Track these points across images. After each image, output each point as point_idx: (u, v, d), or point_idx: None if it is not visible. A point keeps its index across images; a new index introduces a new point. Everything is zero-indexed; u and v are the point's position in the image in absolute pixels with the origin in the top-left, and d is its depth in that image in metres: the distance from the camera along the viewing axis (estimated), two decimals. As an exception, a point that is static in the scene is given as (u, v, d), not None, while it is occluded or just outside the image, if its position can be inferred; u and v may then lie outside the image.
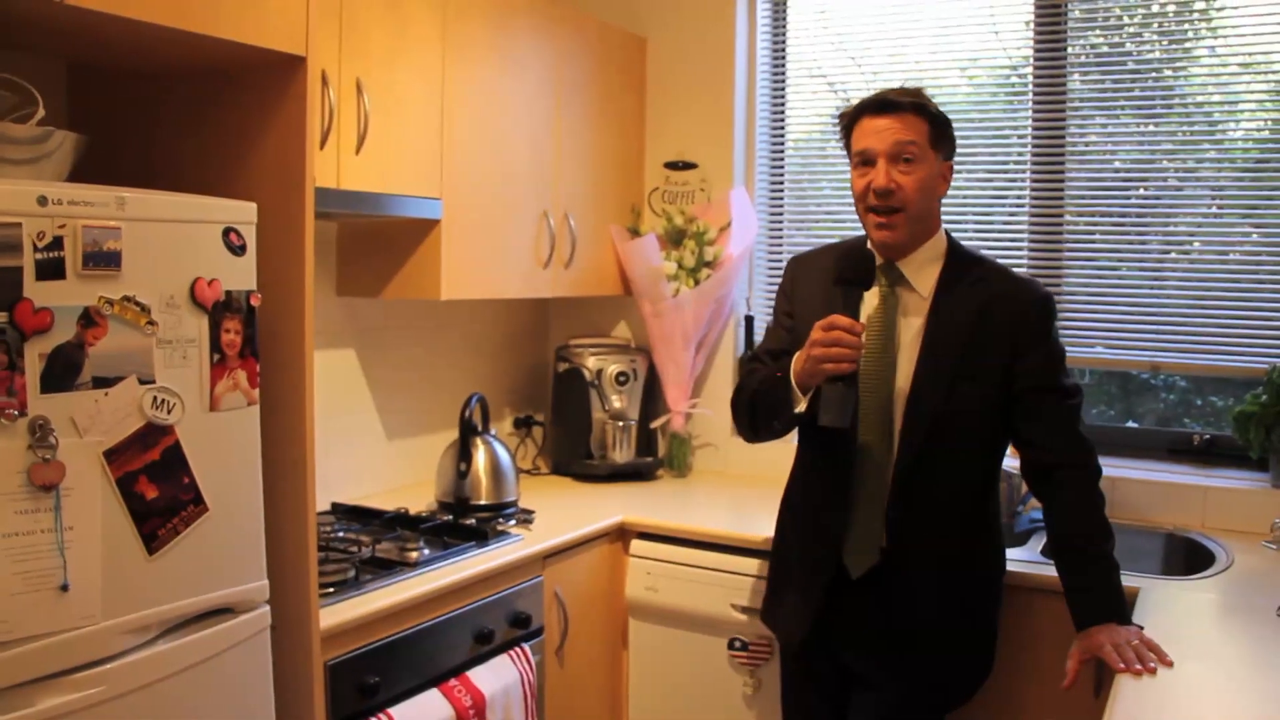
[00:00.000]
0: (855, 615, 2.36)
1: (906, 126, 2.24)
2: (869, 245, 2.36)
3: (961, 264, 2.35)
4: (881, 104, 2.27)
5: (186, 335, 1.83)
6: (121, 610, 1.75)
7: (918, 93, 2.30)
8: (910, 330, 2.31)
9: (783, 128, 3.79)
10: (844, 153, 2.37)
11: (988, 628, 2.43)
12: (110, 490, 1.72)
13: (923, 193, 2.27)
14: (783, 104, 3.79)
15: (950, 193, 3.34)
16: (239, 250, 1.93)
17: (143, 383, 1.76)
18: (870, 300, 2.32)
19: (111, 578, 1.73)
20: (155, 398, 1.78)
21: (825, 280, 2.29)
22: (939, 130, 2.28)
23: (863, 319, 2.26)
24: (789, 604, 2.49)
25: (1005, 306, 2.28)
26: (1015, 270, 2.42)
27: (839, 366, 2.13)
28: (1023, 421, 2.31)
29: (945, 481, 2.30)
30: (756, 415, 2.44)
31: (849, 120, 2.33)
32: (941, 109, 2.31)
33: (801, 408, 2.26)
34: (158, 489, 1.79)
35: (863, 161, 2.29)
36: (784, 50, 3.77)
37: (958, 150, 3.38)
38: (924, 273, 2.33)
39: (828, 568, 2.36)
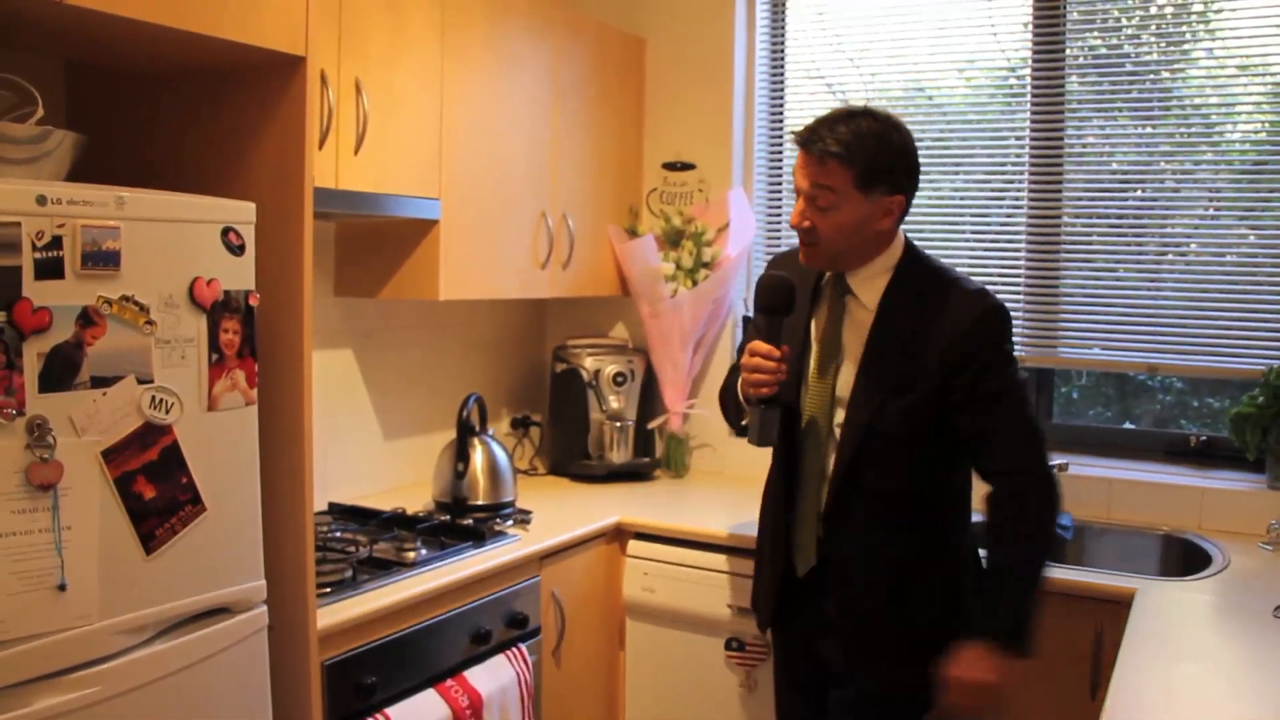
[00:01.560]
0: (812, 612, 2.40)
1: (826, 172, 2.18)
2: None
3: (911, 276, 2.30)
4: (805, 140, 2.21)
5: (185, 335, 1.83)
6: (119, 610, 1.75)
7: (854, 133, 2.17)
8: (856, 342, 2.30)
9: (781, 129, 3.79)
10: None
11: (945, 637, 2.31)
12: (108, 490, 1.72)
13: (841, 232, 2.22)
14: (781, 105, 3.79)
15: (948, 194, 3.34)
16: (238, 250, 1.93)
17: (141, 382, 1.77)
18: (823, 310, 2.35)
19: (109, 577, 1.73)
20: (153, 397, 1.78)
21: (800, 277, 2.32)
22: (867, 177, 2.17)
23: (814, 329, 2.34)
24: (759, 594, 2.57)
25: (947, 318, 2.23)
26: (972, 281, 2.34)
27: (758, 390, 2.23)
28: (964, 430, 2.25)
29: (882, 490, 2.28)
30: (727, 414, 2.59)
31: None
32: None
33: (746, 420, 2.36)
34: (156, 489, 1.79)
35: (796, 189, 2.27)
36: (782, 51, 3.77)
37: (957, 153, 3.39)
38: (871, 285, 2.30)
39: (780, 565, 2.43)
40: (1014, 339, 2.34)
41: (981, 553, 2.34)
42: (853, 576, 2.32)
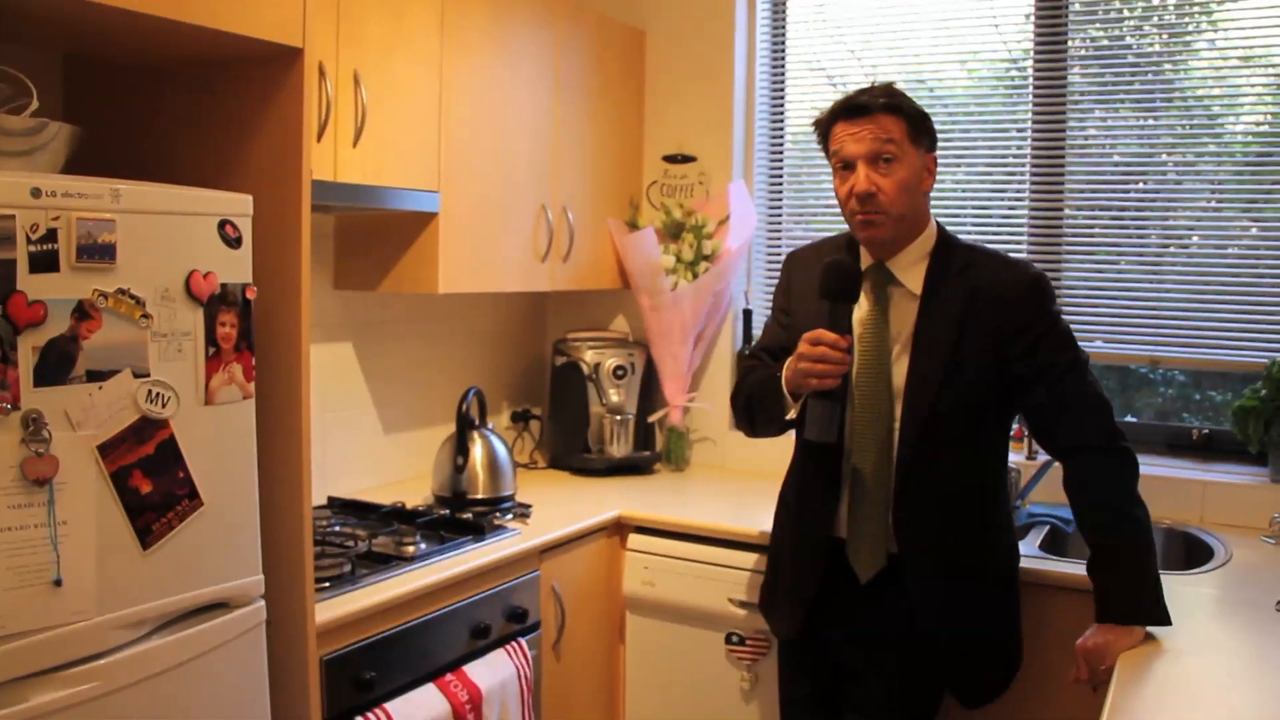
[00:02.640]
0: (852, 618, 2.37)
1: (881, 128, 2.21)
2: (859, 246, 2.36)
3: (950, 255, 2.31)
4: (854, 108, 2.24)
5: (181, 328, 1.82)
6: (115, 605, 1.74)
7: (890, 90, 2.27)
8: (904, 328, 2.28)
9: (782, 121, 3.78)
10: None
11: (1008, 631, 2.40)
12: (104, 484, 1.71)
13: (905, 192, 2.23)
14: (782, 97, 3.77)
15: (950, 187, 3.33)
16: (235, 243, 1.91)
17: (137, 376, 1.75)
18: (864, 301, 2.30)
19: (105, 573, 1.72)
20: (150, 391, 1.77)
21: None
22: (916, 125, 2.25)
23: (856, 322, 2.26)
24: (781, 603, 2.51)
25: (993, 292, 2.24)
26: (1007, 254, 2.36)
27: (823, 382, 2.14)
28: (1030, 406, 2.27)
29: (950, 478, 2.28)
30: (753, 415, 2.45)
31: (824, 126, 2.31)
32: (918, 102, 2.28)
33: (792, 415, 2.27)
34: (152, 483, 1.78)
35: (843, 166, 2.26)
36: (783, 43, 3.76)
37: (957, 144, 3.38)
38: (913, 270, 2.30)
39: (818, 570, 2.37)
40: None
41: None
42: (916, 580, 2.28)
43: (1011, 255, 2.34)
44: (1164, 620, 2.12)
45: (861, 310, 2.29)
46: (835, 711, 2.46)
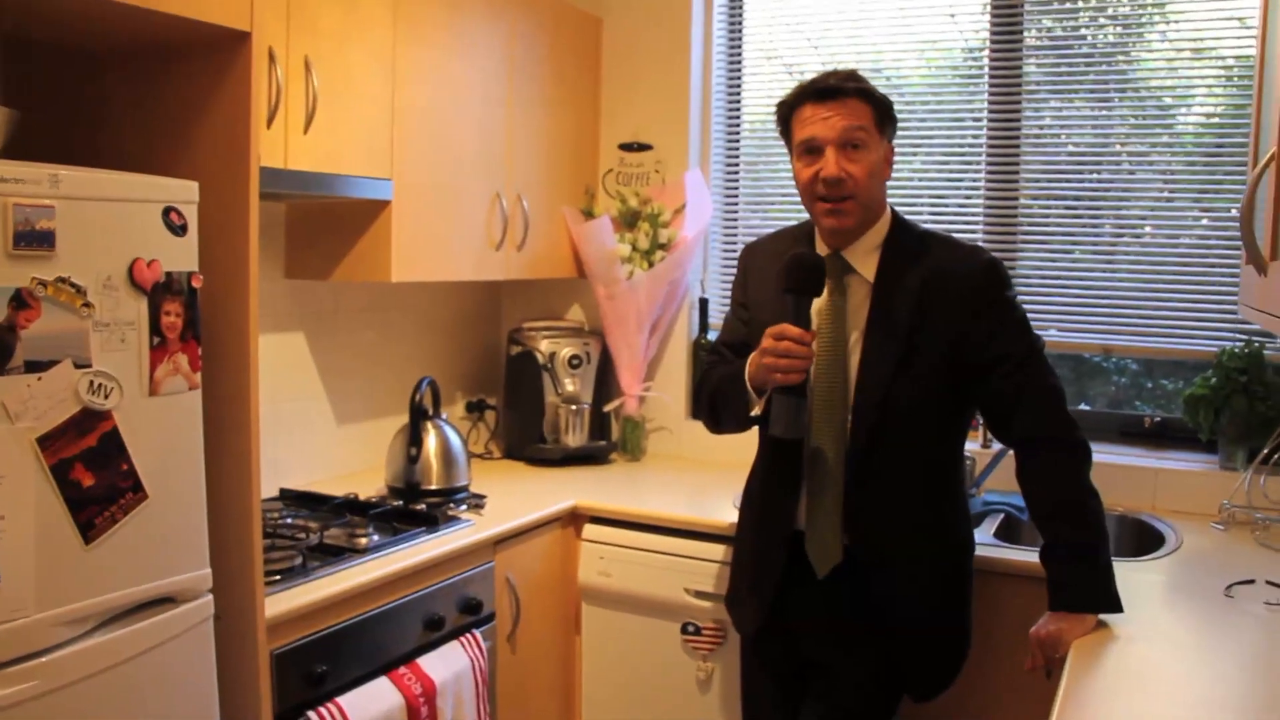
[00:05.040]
0: (813, 611, 2.35)
1: (853, 113, 2.19)
2: (817, 236, 2.35)
3: (904, 242, 2.30)
4: (825, 90, 2.21)
5: (125, 318, 1.78)
6: (56, 602, 1.70)
7: (856, 75, 2.25)
8: (860, 316, 2.27)
9: (739, 109, 3.77)
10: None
11: (959, 618, 2.40)
12: (44, 478, 1.67)
13: (872, 178, 2.22)
14: (739, 85, 3.76)
15: (907, 175, 3.34)
16: (180, 230, 1.88)
17: (78, 366, 1.71)
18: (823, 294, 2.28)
19: (46, 568, 1.67)
20: (92, 382, 1.73)
21: (777, 267, 2.23)
22: (883, 113, 2.24)
23: (814, 313, 2.24)
24: (744, 598, 2.49)
25: (947, 279, 2.23)
26: (961, 240, 2.36)
27: (788, 377, 2.11)
28: (985, 395, 2.26)
29: (905, 468, 2.27)
30: (718, 413, 2.44)
31: (789, 108, 2.28)
32: (884, 91, 2.27)
33: (756, 411, 2.25)
34: (95, 476, 1.74)
35: (808, 150, 2.23)
36: (740, 32, 3.75)
37: (915, 135, 3.40)
38: (869, 258, 2.28)
39: (778, 564, 2.36)
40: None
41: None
42: (875, 570, 2.27)
43: (965, 240, 2.32)
44: (1116, 608, 2.13)
45: (819, 300, 2.25)
46: (797, 704, 2.45)
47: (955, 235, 3.08)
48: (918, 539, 2.29)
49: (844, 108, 2.19)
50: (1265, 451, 2.81)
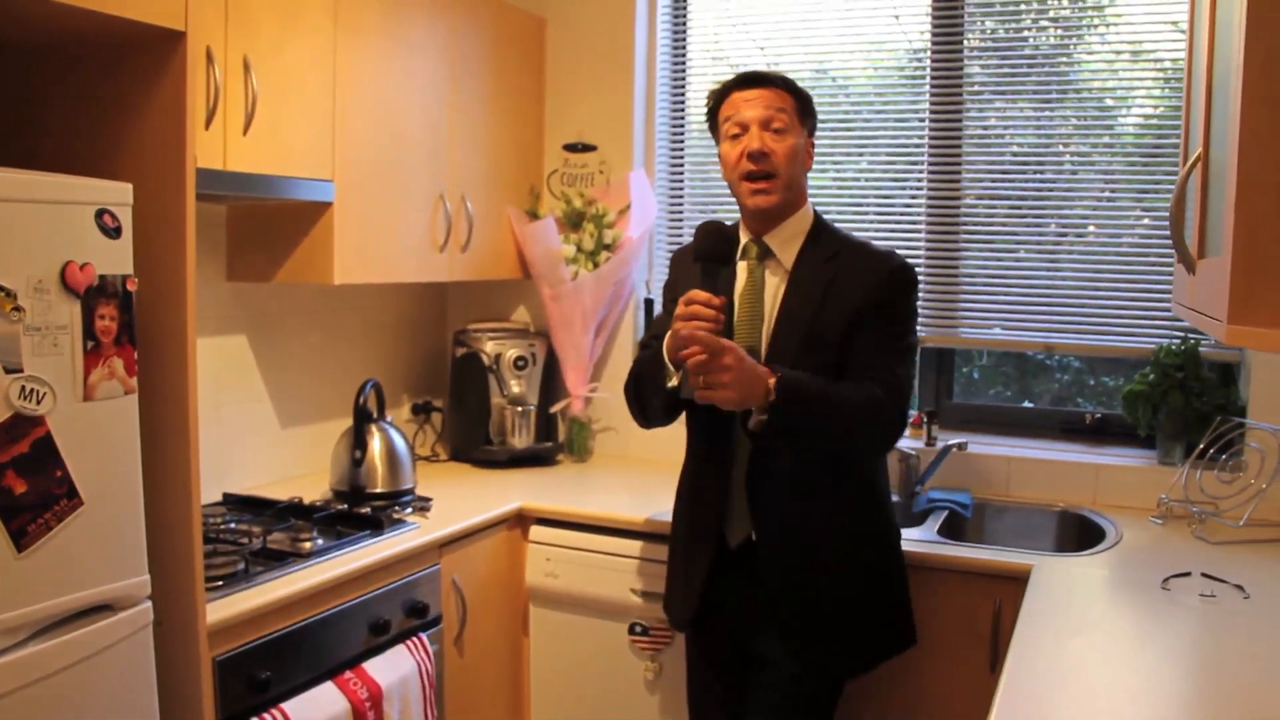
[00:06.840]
0: (741, 596, 2.40)
1: (777, 97, 2.35)
2: (739, 226, 2.45)
3: (823, 239, 2.41)
4: (752, 77, 2.39)
5: (57, 322, 1.75)
6: (-11, 611, 1.67)
7: (781, 73, 2.43)
8: (774, 302, 2.37)
9: (683, 110, 3.77)
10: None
11: (884, 602, 2.45)
12: (-26, 485, 1.64)
13: (792, 160, 2.35)
14: (683, 86, 3.77)
15: (852, 177, 3.37)
16: (114, 233, 1.85)
17: (9, 372, 1.68)
18: (741, 274, 2.40)
19: (-23, 577, 1.64)
20: (23, 387, 1.70)
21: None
22: (804, 105, 2.39)
23: (736, 295, 2.36)
24: (678, 588, 2.55)
25: (854, 279, 2.32)
26: (877, 245, 2.47)
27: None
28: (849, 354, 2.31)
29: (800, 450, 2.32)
30: (642, 394, 2.50)
31: (718, 97, 2.43)
32: (823, 92, 2.35)
33: (673, 382, 2.31)
34: (27, 483, 1.71)
35: (734, 132, 2.36)
36: (685, 32, 3.75)
37: (861, 135, 3.42)
38: (788, 246, 2.39)
39: (709, 545, 2.42)
40: (917, 318, 2.43)
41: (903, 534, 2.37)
42: (784, 544, 2.34)
43: (884, 247, 2.41)
44: (781, 403, 2.13)
45: (740, 283, 2.38)
46: (741, 697, 2.48)
47: (900, 237, 3.11)
48: (821, 515, 2.36)
49: (769, 93, 2.36)
50: (1201, 446, 2.86)
